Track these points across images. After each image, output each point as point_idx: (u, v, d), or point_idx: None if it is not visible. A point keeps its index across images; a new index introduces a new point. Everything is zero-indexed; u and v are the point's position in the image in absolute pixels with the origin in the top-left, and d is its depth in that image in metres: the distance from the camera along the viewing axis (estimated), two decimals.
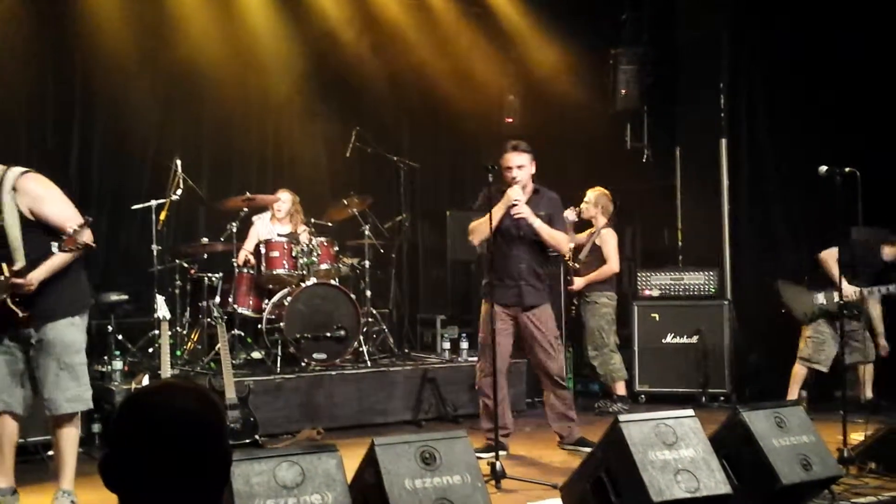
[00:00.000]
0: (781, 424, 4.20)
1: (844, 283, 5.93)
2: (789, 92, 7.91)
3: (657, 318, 7.74)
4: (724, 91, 8.31)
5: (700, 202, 8.52)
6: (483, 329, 5.58)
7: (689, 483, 3.67)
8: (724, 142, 8.29)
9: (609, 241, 7.26)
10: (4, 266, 4.08)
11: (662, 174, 8.91)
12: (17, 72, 7.29)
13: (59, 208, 4.19)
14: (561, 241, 5.65)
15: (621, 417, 3.82)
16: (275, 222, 7.60)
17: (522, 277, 5.52)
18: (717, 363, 7.52)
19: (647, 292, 7.90)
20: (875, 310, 7.03)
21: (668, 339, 7.68)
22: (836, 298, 6.04)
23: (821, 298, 6.77)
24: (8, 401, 4.27)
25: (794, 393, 6.84)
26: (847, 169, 5.20)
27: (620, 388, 7.25)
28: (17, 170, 4.20)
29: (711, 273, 7.82)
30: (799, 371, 6.86)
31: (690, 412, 3.98)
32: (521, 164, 5.46)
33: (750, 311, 7.91)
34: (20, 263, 4.06)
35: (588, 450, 4.72)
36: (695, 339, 7.58)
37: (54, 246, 4.05)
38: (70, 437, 4.38)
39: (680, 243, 8.76)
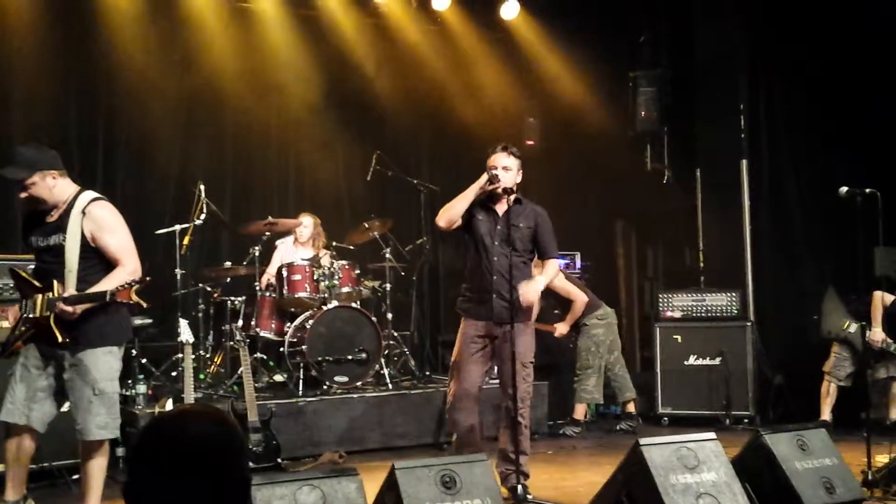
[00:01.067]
0: (804, 447, 4.18)
1: (877, 331, 6.11)
2: (809, 111, 7.89)
3: (679, 340, 7.71)
4: (744, 111, 8.30)
5: (721, 223, 8.49)
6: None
7: None
8: (744, 162, 8.27)
9: (556, 283, 7.07)
10: (57, 284, 4.17)
11: (683, 195, 8.89)
12: (41, 97, 7.40)
13: (120, 241, 4.30)
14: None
15: (642, 440, 3.81)
16: (297, 246, 7.67)
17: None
18: (741, 385, 7.46)
19: (668, 314, 7.87)
20: None
21: (691, 360, 7.63)
22: (862, 337, 6.29)
23: (852, 327, 6.74)
24: (30, 416, 4.29)
25: (825, 413, 6.81)
26: (868, 189, 5.18)
27: (579, 412, 7.31)
28: (90, 195, 4.34)
29: (734, 294, 7.77)
30: (826, 387, 6.85)
31: (712, 435, 3.96)
32: (507, 167, 4.98)
33: (773, 333, 7.86)
34: (71, 290, 4.15)
35: None
36: (717, 361, 7.54)
37: (105, 280, 4.15)
38: (97, 465, 4.39)
39: (701, 264, 8.73)
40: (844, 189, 5.17)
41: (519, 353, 4.77)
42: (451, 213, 5.01)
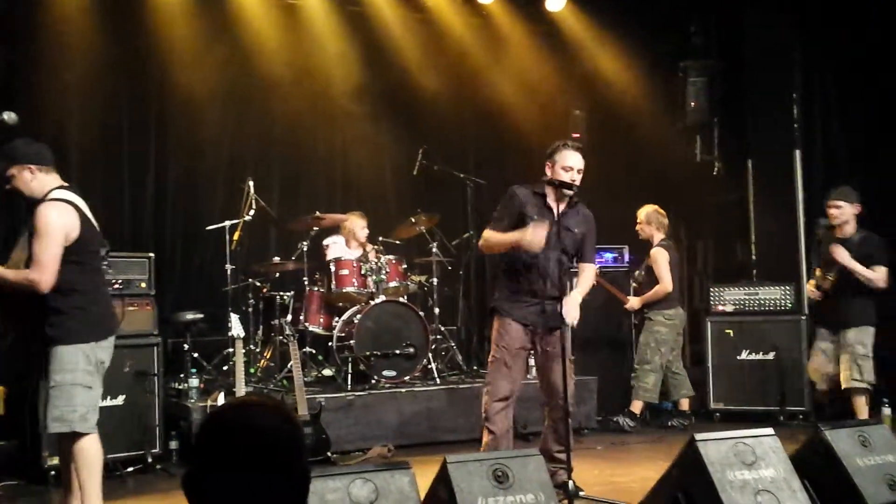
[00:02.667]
0: (866, 443, 4.07)
1: None
2: (864, 100, 7.70)
3: (731, 335, 7.58)
4: (796, 101, 8.13)
5: (774, 215, 8.34)
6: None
7: None
8: (797, 153, 8.10)
9: (659, 259, 7.19)
10: None
11: (734, 187, 8.76)
12: (92, 99, 7.50)
13: (40, 249, 4.03)
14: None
15: (697, 436, 3.74)
16: (352, 245, 7.70)
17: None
18: (796, 380, 7.31)
19: (720, 308, 7.74)
20: None
21: (744, 355, 7.51)
22: None
23: None
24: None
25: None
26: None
27: (636, 406, 7.25)
28: (54, 193, 4.16)
29: (787, 287, 7.62)
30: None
31: (770, 430, 3.88)
32: (581, 169, 4.85)
33: None
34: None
35: None
36: (771, 356, 7.40)
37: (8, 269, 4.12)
38: (79, 462, 4.17)
39: (754, 257, 8.58)
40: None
41: (567, 352, 4.71)
42: (489, 251, 5.08)
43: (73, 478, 4.22)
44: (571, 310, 4.76)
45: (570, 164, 4.85)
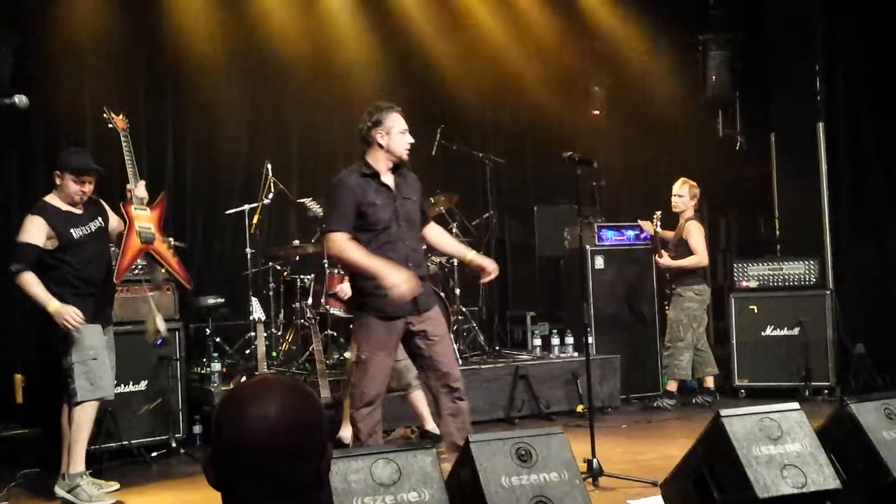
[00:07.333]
0: (892, 416, 4.00)
1: None
2: (889, 71, 7.56)
3: (755, 310, 7.51)
4: (819, 73, 7.99)
5: (797, 189, 8.22)
6: None
7: (796, 478, 3.53)
8: (821, 125, 7.98)
9: (695, 233, 7.12)
10: None
11: (757, 161, 8.64)
12: (108, 86, 7.49)
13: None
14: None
15: (722, 412, 3.70)
16: None
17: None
18: (820, 355, 7.24)
19: (744, 283, 7.66)
20: None
21: (768, 331, 7.44)
22: None
23: None
24: None
25: None
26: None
27: (672, 385, 7.22)
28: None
29: (812, 262, 7.54)
30: None
31: (796, 405, 3.82)
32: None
33: (853, 301, 7.60)
34: None
35: None
36: (796, 331, 7.32)
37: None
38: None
39: (777, 232, 8.49)
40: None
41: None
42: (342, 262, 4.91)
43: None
44: (490, 262, 4.71)
45: (405, 125, 4.52)
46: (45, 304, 4.61)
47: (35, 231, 4.67)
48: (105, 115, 5.24)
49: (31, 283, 4.62)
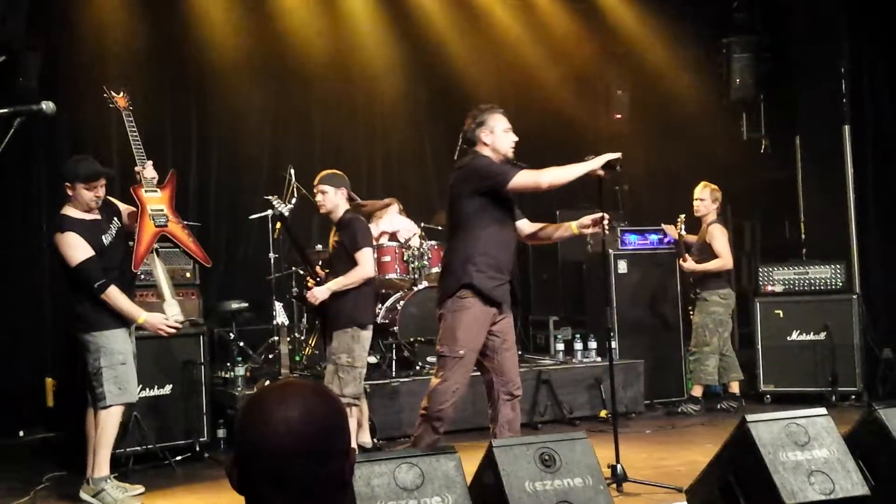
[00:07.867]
0: None
1: None
2: None
3: (781, 315, 7.43)
4: (845, 75, 7.92)
5: (823, 192, 8.15)
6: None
7: (823, 485, 3.49)
8: (846, 128, 7.90)
9: (718, 236, 7.05)
10: None
11: (782, 164, 8.59)
12: (133, 91, 7.52)
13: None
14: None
15: (749, 417, 3.66)
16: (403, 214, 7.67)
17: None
18: (847, 360, 7.16)
19: (769, 288, 7.59)
20: None
21: (794, 336, 7.36)
22: None
23: None
24: None
25: None
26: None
27: (697, 390, 7.18)
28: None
29: (838, 266, 7.45)
30: None
31: (823, 410, 3.78)
32: None
33: (880, 305, 7.53)
34: None
35: None
36: (822, 336, 7.24)
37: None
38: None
39: (803, 236, 8.41)
40: None
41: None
42: (556, 184, 4.54)
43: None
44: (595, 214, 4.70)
45: (508, 124, 4.61)
46: (134, 315, 4.68)
47: (79, 244, 4.63)
48: (105, 95, 5.21)
49: (118, 296, 4.66)
